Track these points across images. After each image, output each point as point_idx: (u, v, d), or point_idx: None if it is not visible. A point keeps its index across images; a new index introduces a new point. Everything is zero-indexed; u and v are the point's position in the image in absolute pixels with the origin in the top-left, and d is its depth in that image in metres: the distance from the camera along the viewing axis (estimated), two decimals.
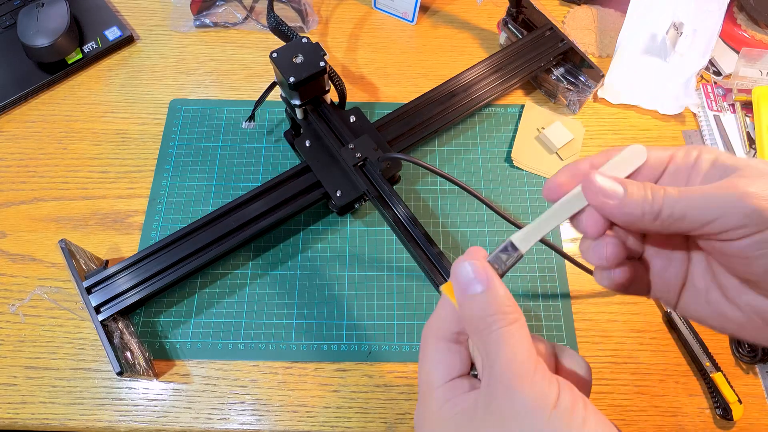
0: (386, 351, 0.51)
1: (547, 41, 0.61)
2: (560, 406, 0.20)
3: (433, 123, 0.56)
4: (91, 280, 0.47)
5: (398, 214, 0.48)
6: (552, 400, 0.20)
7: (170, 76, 0.65)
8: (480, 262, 0.24)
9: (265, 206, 0.51)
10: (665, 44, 0.65)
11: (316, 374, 0.50)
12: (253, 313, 0.52)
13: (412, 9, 0.69)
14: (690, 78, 0.64)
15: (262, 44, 0.68)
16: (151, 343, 0.51)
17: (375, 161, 0.50)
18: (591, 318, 0.53)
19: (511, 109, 0.64)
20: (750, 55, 0.64)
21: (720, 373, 0.49)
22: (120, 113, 0.63)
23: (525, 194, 0.59)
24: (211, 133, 0.61)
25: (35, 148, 0.60)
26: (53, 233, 0.55)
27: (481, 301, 0.23)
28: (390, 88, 0.66)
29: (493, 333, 0.22)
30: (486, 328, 0.22)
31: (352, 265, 0.55)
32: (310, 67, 0.48)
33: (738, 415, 0.47)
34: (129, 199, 0.58)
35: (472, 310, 0.23)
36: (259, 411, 0.48)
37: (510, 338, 0.22)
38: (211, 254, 0.49)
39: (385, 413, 0.48)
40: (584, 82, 0.61)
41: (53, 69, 0.64)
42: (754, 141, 0.61)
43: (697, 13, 0.65)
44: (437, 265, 0.46)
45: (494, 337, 0.22)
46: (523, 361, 0.21)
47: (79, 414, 0.48)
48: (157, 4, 0.71)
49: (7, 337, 0.51)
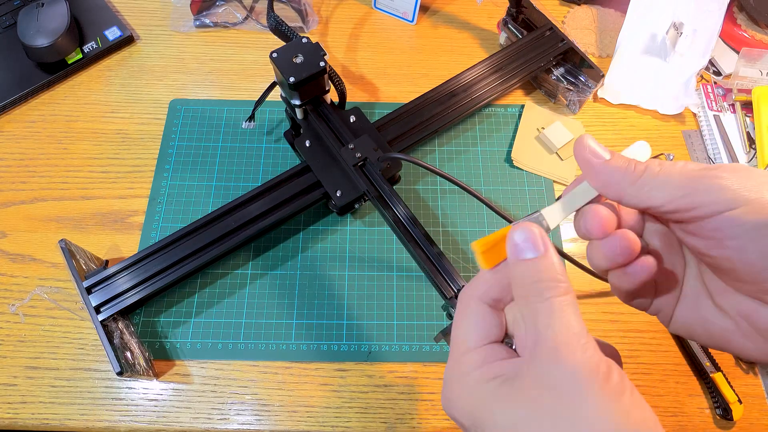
0: (386, 351, 0.51)
1: (547, 41, 0.61)
2: (610, 381, 0.20)
3: (433, 123, 0.56)
4: (91, 280, 0.47)
5: (398, 214, 0.48)
6: (603, 374, 0.20)
7: (170, 76, 0.65)
8: (538, 228, 0.23)
9: (265, 206, 0.51)
10: (665, 44, 0.65)
11: (316, 374, 0.50)
12: (253, 313, 0.52)
13: (412, 9, 0.69)
14: (690, 78, 0.64)
15: (262, 44, 0.68)
16: (151, 343, 0.51)
17: (375, 161, 0.50)
18: (591, 318, 0.53)
19: (511, 109, 0.64)
20: (750, 55, 0.64)
21: (720, 373, 0.49)
22: (120, 113, 0.63)
23: (525, 194, 0.59)
24: (211, 133, 0.61)
25: (35, 148, 0.60)
26: (53, 233, 0.56)
27: (536, 266, 0.22)
28: (390, 88, 0.66)
29: (545, 301, 0.21)
30: (537, 294, 0.22)
31: (352, 265, 0.55)
32: (310, 67, 0.48)
33: (738, 415, 0.47)
34: (129, 199, 0.58)
35: (524, 274, 0.22)
36: (259, 411, 0.48)
37: (563, 308, 0.21)
38: (211, 254, 0.49)
39: (385, 413, 0.48)
40: (584, 82, 0.61)
41: (53, 69, 0.64)
42: (754, 141, 0.61)
43: (697, 13, 0.65)
44: (437, 265, 0.46)
45: (546, 305, 0.21)
46: (575, 332, 0.21)
47: (79, 414, 0.48)
48: (157, 4, 0.71)
49: (7, 337, 0.51)
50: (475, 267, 0.55)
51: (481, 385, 0.22)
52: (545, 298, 0.21)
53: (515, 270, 0.23)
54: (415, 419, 0.48)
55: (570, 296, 0.22)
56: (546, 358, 0.21)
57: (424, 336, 0.51)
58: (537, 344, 0.21)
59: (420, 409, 0.49)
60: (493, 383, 0.22)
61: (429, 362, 0.50)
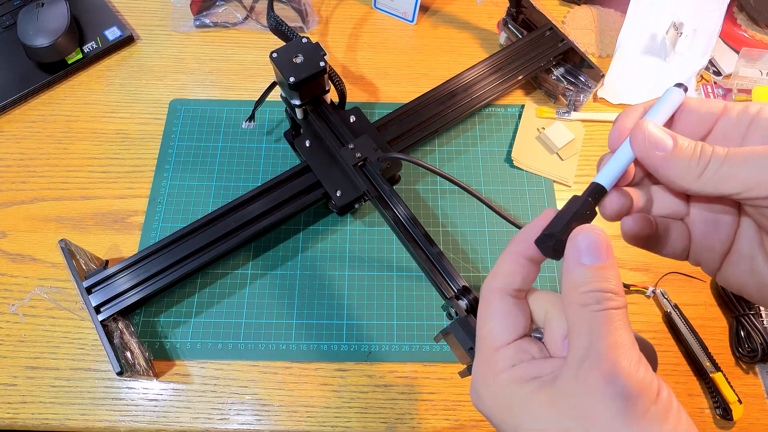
0: (386, 351, 0.51)
1: (547, 41, 0.61)
2: (660, 402, 0.19)
3: (433, 123, 0.56)
4: (91, 280, 0.47)
5: (398, 214, 0.48)
6: (654, 393, 0.19)
7: (170, 76, 0.65)
8: (604, 234, 0.22)
9: (265, 206, 0.51)
10: (665, 44, 0.65)
11: (316, 374, 0.50)
12: (253, 313, 0.52)
13: (412, 9, 0.69)
14: (690, 78, 0.64)
15: (262, 44, 0.68)
16: (151, 343, 0.51)
17: (375, 161, 0.50)
18: None
19: (511, 109, 0.64)
20: (750, 55, 0.64)
21: (720, 373, 0.49)
22: (120, 113, 0.63)
23: (525, 194, 0.59)
24: (211, 133, 0.61)
25: (35, 148, 0.60)
26: (53, 233, 0.55)
27: (596, 274, 0.21)
28: (390, 88, 0.66)
29: (601, 312, 0.20)
30: (595, 303, 0.21)
31: (352, 265, 0.55)
32: (310, 67, 0.48)
33: (738, 415, 0.47)
34: (129, 199, 0.58)
35: (582, 279, 0.21)
36: (259, 411, 0.48)
37: (619, 321, 0.20)
38: (211, 254, 0.49)
39: (385, 413, 0.48)
40: (584, 82, 0.61)
41: (53, 69, 0.64)
42: None
43: (697, 13, 0.65)
44: (437, 265, 0.46)
45: (603, 315, 0.20)
46: (628, 348, 0.20)
47: (79, 414, 0.48)
48: (157, 4, 0.71)
49: (7, 337, 0.51)
50: (476, 266, 0.55)
51: (514, 387, 0.22)
52: (601, 309, 0.20)
53: (573, 273, 0.22)
54: (415, 419, 0.48)
55: (625, 311, 0.21)
56: (597, 371, 0.20)
57: (424, 336, 0.51)
58: (588, 356, 0.20)
59: (420, 409, 0.49)
60: (528, 387, 0.21)
61: (429, 362, 0.50)
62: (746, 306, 0.51)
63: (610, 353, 0.20)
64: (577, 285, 0.21)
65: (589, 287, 0.21)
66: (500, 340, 0.23)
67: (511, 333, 0.23)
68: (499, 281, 0.24)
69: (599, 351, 0.20)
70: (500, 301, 0.24)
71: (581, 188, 0.37)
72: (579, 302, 0.21)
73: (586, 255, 0.21)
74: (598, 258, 0.21)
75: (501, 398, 0.22)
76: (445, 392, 0.49)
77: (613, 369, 0.19)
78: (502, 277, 0.24)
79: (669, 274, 0.54)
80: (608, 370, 0.19)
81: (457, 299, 0.43)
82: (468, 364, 0.40)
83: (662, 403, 0.19)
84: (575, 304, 0.21)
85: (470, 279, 0.54)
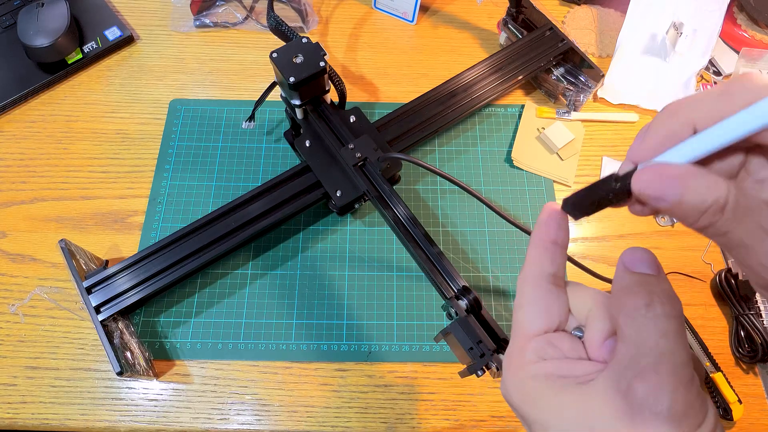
0: (386, 351, 0.51)
1: (547, 41, 0.61)
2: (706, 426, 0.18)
3: (433, 123, 0.56)
4: (91, 280, 0.47)
5: (398, 214, 0.48)
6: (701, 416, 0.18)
7: (170, 76, 0.65)
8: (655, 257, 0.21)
9: (265, 206, 0.51)
10: (665, 44, 0.65)
11: (316, 374, 0.50)
12: (253, 313, 0.52)
13: (412, 9, 0.69)
14: (690, 78, 0.64)
15: (262, 44, 0.68)
16: (151, 343, 0.51)
17: (375, 161, 0.50)
18: None
19: (511, 109, 0.64)
20: (750, 55, 0.64)
21: (720, 373, 0.48)
22: (120, 113, 0.63)
23: (525, 194, 0.59)
24: (211, 133, 0.61)
25: (35, 148, 0.60)
26: (53, 233, 0.55)
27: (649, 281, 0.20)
28: (390, 88, 0.66)
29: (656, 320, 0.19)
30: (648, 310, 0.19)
31: (352, 265, 0.55)
32: (310, 67, 0.48)
33: (738, 415, 0.47)
34: (129, 199, 0.58)
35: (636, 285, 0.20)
36: (259, 411, 0.48)
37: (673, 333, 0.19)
38: (211, 254, 0.49)
39: (385, 413, 0.48)
40: (584, 82, 0.61)
41: (53, 69, 0.64)
42: None
43: (697, 13, 0.65)
44: (437, 265, 0.46)
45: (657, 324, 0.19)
46: (684, 363, 0.18)
47: (79, 414, 0.48)
48: (157, 4, 0.71)
49: (7, 337, 0.51)
50: (476, 266, 0.55)
51: (539, 381, 0.21)
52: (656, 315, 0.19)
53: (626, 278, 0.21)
54: (415, 419, 0.48)
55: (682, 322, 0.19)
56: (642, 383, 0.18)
57: (424, 336, 0.51)
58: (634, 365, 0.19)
59: (420, 409, 0.49)
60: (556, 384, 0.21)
61: (429, 362, 0.50)
62: (746, 306, 0.51)
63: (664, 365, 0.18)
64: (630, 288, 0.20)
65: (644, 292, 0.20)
66: (533, 328, 0.22)
67: (545, 320, 0.22)
68: (529, 269, 0.23)
69: (648, 362, 0.18)
70: (533, 288, 0.23)
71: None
72: (632, 306, 0.20)
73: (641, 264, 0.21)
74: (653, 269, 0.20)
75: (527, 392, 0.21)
76: (445, 392, 0.49)
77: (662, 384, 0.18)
78: (531, 265, 0.23)
79: (669, 274, 0.54)
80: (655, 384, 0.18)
81: (457, 299, 0.43)
82: (468, 364, 0.40)
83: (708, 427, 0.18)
84: (628, 308, 0.20)
85: (470, 279, 0.54)
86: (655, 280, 0.20)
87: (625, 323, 0.20)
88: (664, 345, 0.19)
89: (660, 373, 0.18)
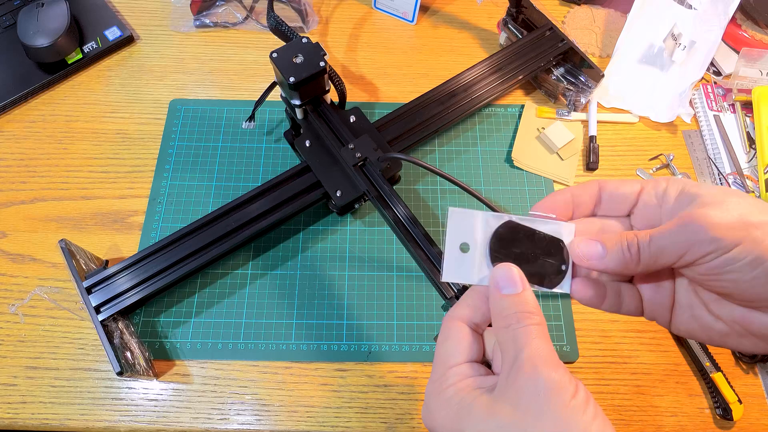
0: (386, 351, 0.51)
1: (547, 41, 0.61)
2: (578, 398, 0.23)
3: (433, 123, 0.56)
4: (91, 280, 0.47)
5: (398, 214, 0.48)
6: (572, 390, 0.23)
7: (170, 76, 0.65)
8: (517, 269, 0.26)
9: (265, 206, 0.51)
10: (662, 53, 0.64)
11: (316, 374, 0.50)
12: (253, 313, 0.52)
13: (412, 9, 0.69)
14: (685, 90, 0.63)
15: (262, 44, 0.68)
16: (151, 343, 0.51)
17: (375, 161, 0.50)
18: (591, 318, 0.53)
19: (511, 109, 0.64)
20: (750, 55, 0.64)
21: (720, 373, 0.49)
22: (120, 113, 0.63)
23: (525, 194, 0.59)
24: (211, 133, 0.61)
25: (35, 148, 0.60)
26: (53, 233, 0.55)
27: (515, 300, 0.26)
28: (390, 88, 0.66)
29: (523, 327, 0.25)
30: (517, 321, 0.25)
31: (352, 265, 0.55)
32: (310, 67, 0.48)
33: (738, 415, 0.47)
34: (129, 199, 0.58)
35: (505, 306, 0.26)
36: (259, 411, 0.48)
37: (538, 333, 0.25)
38: (211, 254, 0.49)
39: (385, 413, 0.48)
40: (584, 82, 0.61)
41: (53, 69, 0.64)
42: (754, 141, 0.61)
43: (697, 26, 0.64)
44: (437, 265, 0.46)
45: (524, 329, 0.25)
46: (548, 354, 0.24)
47: (79, 414, 0.48)
48: (157, 4, 0.71)
49: (7, 337, 0.51)
50: None
51: (460, 396, 0.25)
52: (523, 325, 0.25)
53: (498, 303, 0.26)
54: (415, 419, 0.48)
55: (543, 327, 0.25)
56: (522, 374, 0.24)
57: (424, 336, 0.51)
58: (514, 363, 0.24)
59: (420, 409, 0.49)
60: (472, 395, 0.25)
61: (429, 362, 0.50)
62: None
63: (531, 359, 0.24)
64: (501, 311, 0.26)
65: (511, 311, 0.25)
66: (453, 360, 0.27)
67: (464, 356, 0.27)
68: (462, 311, 0.28)
69: (522, 359, 0.24)
70: (459, 329, 0.28)
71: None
72: (503, 325, 0.25)
73: (505, 287, 0.26)
74: (515, 288, 0.26)
75: (449, 409, 0.25)
76: None
77: (536, 369, 0.23)
78: (465, 309, 0.28)
79: None
80: (531, 372, 0.23)
81: (457, 299, 0.43)
82: None
83: (580, 398, 0.23)
84: (501, 327, 0.25)
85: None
86: (516, 297, 0.26)
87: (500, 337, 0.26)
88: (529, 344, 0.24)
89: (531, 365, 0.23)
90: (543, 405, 0.22)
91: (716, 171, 0.60)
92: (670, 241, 0.25)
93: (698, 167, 0.61)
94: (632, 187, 0.28)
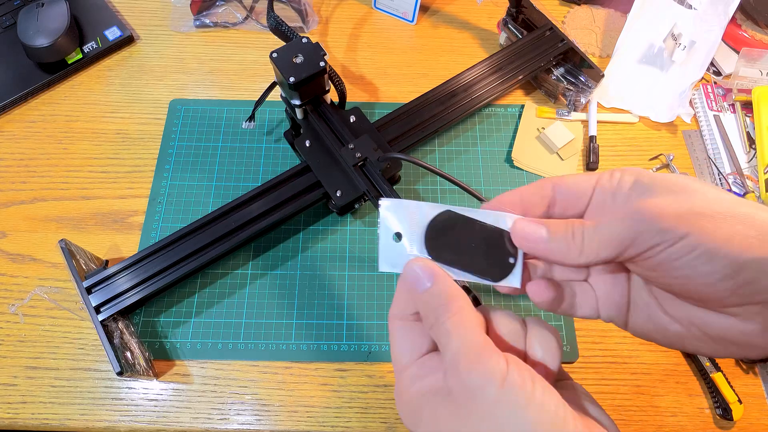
0: (386, 351, 0.51)
1: (547, 41, 0.61)
2: (508, 382, 0.21)
3: (433, 123, 0.56)
4: (91, 280, 0.47)
5: None
6: (500, 377, 0.22)
7: (170, 76, 0.65)
8: (425, 261, 0.25)
9: (265, 206, 0.51)
10: (662, 53, 0.64)
11: (316, 374, 0.50)
12: (253, 313, 0.52)
13: (412, 9, 0.69)
14: (685, 90, 0.63)
15: (262, 44, 0.68)
16: (151, 343, 0.51)
17: (375, 161, 0.50)
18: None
19: (511, 109, 0.64)
20: (750, 55, 0.64)
21: (720, 373, 0.49)
22: (120, 113, 0.63)
23: None
24: (211, 133, 0.61)
25: (35, 148, 0.60)
26: (53, 233, 0.55)
27: (428, 296, 0.24)
28: (390, 88, 0.66)
29: (441, 325, 0.24)
30: (435, 321, 0.24)
31: (352, 265, 0.55)
32: (310, 67, 0.48)
33: (738, 415, 0.47)
34: (129, 199, 0.58)
35: (422, 305, 0.25)
36: (259, 411, 0.48)
37: (456, 327, 0.23)
38: (211, 254, 0.49)
39: (385, 413, 0.48)
40: (584, 82, 0.61)
41: (53, 69, 0.64)
42: (754, 141, 0.61)
43: (697, 27, 0.64)
44: None
45: (443, 329, 0.24)
46: (470, 345, 0.23)
47: (79, 414, 0.48)
48: (157, 4, 0.71)
49: (7, 337, 0.51)
50: None
51: (417, 399, 0.25)
52: (441, 323, 0.24)
53: (418, 303, 0.25)
54: None
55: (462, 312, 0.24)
56: (452, 374, 0.23)
57: None
58: (447, 363, 0.23)
59: None
60: (425, 397, 0.24)
61: None
62: None
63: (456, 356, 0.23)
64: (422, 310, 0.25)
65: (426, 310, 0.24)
66: (404, 361, 0.26)
67: (414, 352, 0.26)
68: (396, 308, 0.27)
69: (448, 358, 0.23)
70: (400, 327, 0.27)
71: None
72: (428, 326, 0.25)
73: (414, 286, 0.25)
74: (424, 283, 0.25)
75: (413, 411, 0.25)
76: None
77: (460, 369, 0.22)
78: (400, 304, 0.27)
79: None
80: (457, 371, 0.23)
81: None
82: None
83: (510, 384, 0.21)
84: (427, 328, 0.25)
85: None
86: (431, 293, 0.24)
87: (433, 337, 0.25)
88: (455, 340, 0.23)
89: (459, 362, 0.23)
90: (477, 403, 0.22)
91: (716, 171, 0.60)
92: (615, 231, 0.23)
93: (698, 167, 0.61)
94: (588, 181, 0.26)
